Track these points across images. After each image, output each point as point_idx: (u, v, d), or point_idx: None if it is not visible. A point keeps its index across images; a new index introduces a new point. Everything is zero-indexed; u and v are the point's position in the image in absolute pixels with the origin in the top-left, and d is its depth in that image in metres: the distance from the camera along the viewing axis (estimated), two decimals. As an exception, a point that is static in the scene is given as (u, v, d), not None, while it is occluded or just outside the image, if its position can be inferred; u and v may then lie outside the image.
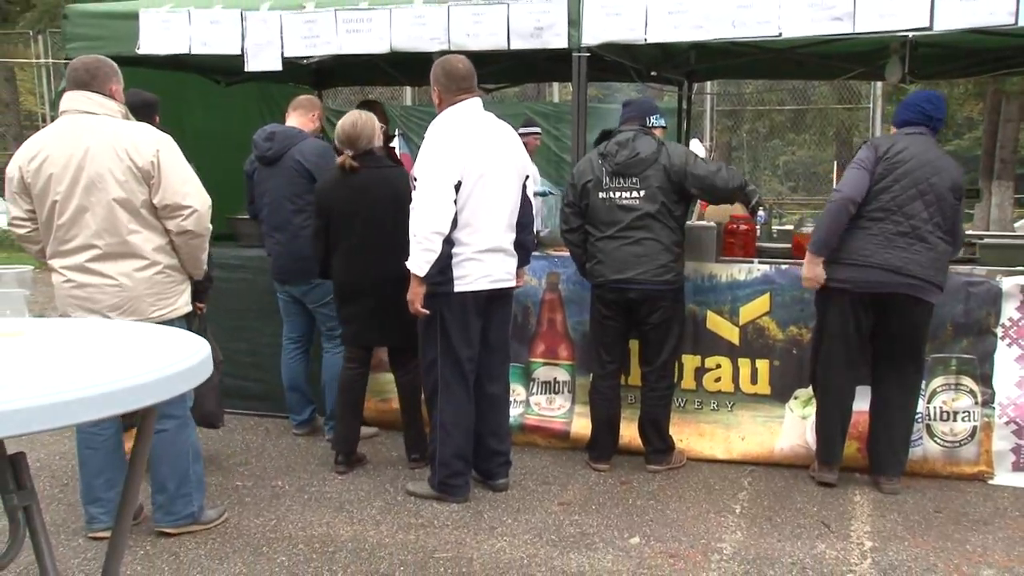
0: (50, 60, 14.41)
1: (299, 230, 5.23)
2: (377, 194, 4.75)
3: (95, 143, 3.79)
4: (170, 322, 3.91)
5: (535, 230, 5.68)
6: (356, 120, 4.80)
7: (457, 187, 4.25)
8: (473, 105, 4.44)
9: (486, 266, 4.39)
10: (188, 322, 4.30)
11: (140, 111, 4.35)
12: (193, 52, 5.70)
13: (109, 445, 4.04)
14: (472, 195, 4.30)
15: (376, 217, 4.73)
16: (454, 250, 4.29)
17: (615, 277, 4.73)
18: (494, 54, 5.54)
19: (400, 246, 4.36)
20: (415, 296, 4.31)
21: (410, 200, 4.34)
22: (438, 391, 4.49)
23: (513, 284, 4.60)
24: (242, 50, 5.62)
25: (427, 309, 4.32)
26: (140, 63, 5.68)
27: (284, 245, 5.29)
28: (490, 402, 4.63)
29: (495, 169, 4.38)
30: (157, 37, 5.72)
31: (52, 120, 4.32)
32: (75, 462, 4.61)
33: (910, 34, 4.77)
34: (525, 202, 4.61)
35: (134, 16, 5.77)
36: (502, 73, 7.94)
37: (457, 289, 4.34)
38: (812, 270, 4.51)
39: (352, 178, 4.77)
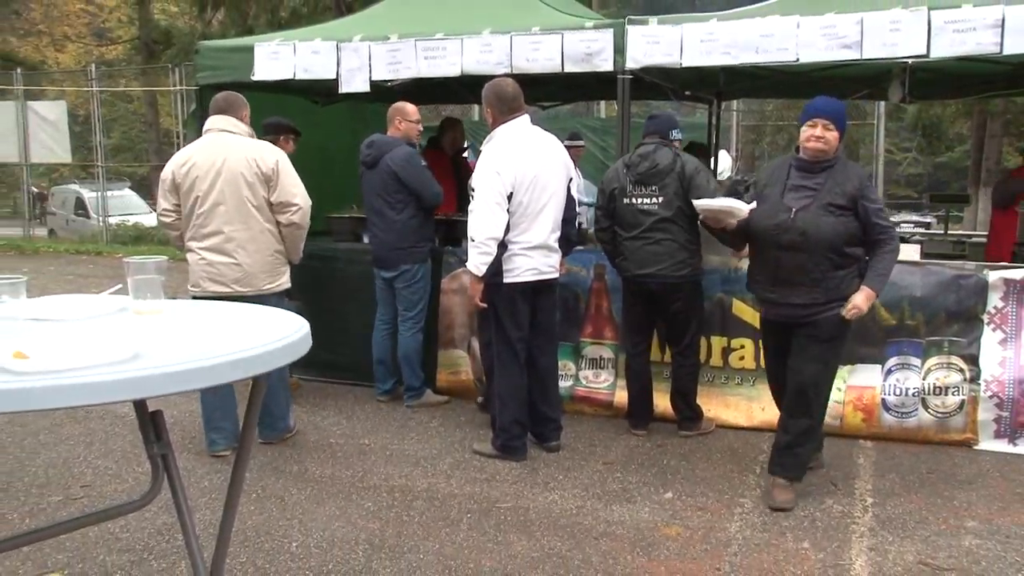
0: (183, 87, 14.72)
1: (392, 223, 5.27)
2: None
3: (231, 154, 4.35)
4: (274, 295, 4.46)
5: (583, 228, 5.67)
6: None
7: (509, 196, 4.28)
8: (522, 122, 4.44)
9: (533, 260, 4.39)
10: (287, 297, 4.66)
11: (275, 130, 5.00)
12: (297, 77, 5.77)
13: (223, 388, 4.39)
14: (523, 202, 4.32)
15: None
16: (505, 248, 4.32)
17: (638, 272, 4.71)
18: (550, 76, 5.52)
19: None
20: (474, 292, 4.36)
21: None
22: (495, 368, 4.53)
23: (557, 275, 4.58)
24: (337, 75, 5.68)
25: (488, 302, 4.35)
26: (254, 87, 5.78)
27: (380, 236, 5.33)
28: (541, 375, 4.64)
29: (542, 177, 4.37)
30: (268, 66, 5.81)
31: (185, 137, 4.78)
32: (201, 420, 4.73)
33: (909, 60, 4.69)
34: (569, 200, 4.61)
35: (250, 49, 5.87)
36: (556, 93, 7.93)
37: (506, 280, 4.35)
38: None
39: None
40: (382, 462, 4.54)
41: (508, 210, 4.27)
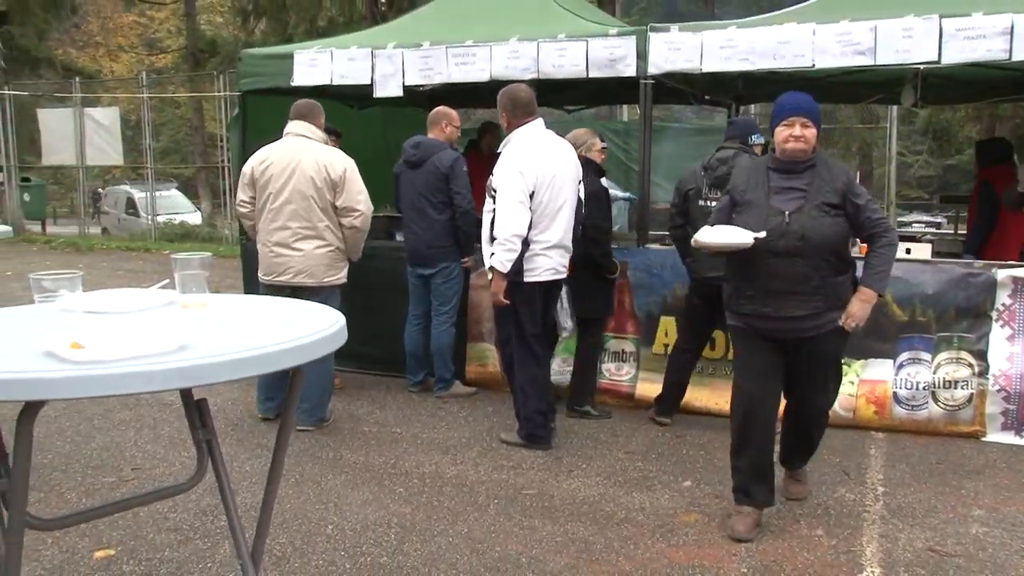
0: (227, 93, 14.85)
1: (433, 222, 5.27)
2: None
3: (304, 157, 4.55)
4: (335, 287, 4.71)
5: (608, 227, 5.62)
6: (577, 134, 4.89)
7: (531, 196, 4.25)
8: (537, 125, 4.42)
9: (551, 260, 4.37)
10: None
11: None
12: (333, 83, 5.80)
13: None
14: (543, 201, 4.29)
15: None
16: (526, 248, 4.28)
17: (708, 275, 4.55)
18: (575, 81, 5.50)
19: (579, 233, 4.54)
20: (498, 288, 4.30)
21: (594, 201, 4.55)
22: (514, 363, 4.51)
23: (566, 273, 4.55)
24: (371, 81, 5.70)
25: (510, 298, 4.32)
26: (293, 93, 5.81)
27: (419, 234, 5.31)
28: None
29: (560, 177, 4.34)
30: (306, 72, 5.84)
31: (228, 140, 4.84)
32: (243, 407, 4.78)
33: (921, 66, 4.63)
34: (578, 202, 4.59)
35: (290, 56, 5.91)
36: (581, 97, 7.90)
37: (527, 280, 4.33)
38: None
39: None
40: (413, 450, 4.56)
41: (530, 209, 4.25)
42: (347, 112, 7.09)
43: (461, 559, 3.26)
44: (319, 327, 1.78)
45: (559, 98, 7.88)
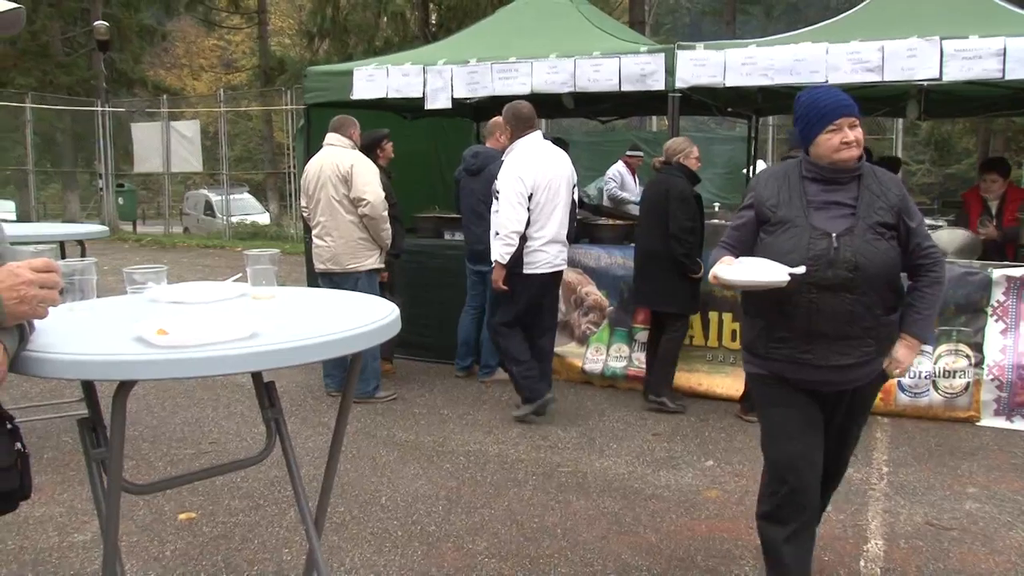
0: (294, 106, 15.04)
1: (489, 224, 5.30)
2: (655, 191, 4.80)
3: (328, 161, 4.84)
4: (361, 273, 4.82)
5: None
6: (676, 142, 4.90)
7: (530, 197, 4.41)
8: (536, 136, 4.59)
9: (549, 255, 4.50)
10: (379, 282, 4.93)
11: (371, 142, 5.22)
12: (389, 96, 5.84)
13: None
14: (540, 201, 4.45)
15: (655, 207, 4.75)
16: (526, 243, 4.44)
17: None
18: (608, 94, 5.47)
19: (661, 230, 4.59)
20: (497, 276, 4.49)
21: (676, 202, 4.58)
22: (501, 340, 4.65)
23: (564, 267, 4.68)
24: (423, 94, 5.72)
25: (506, 287, 4.48)
26: (353, 105, 5.87)
27: (478, 235, 5.31)
28: (539, 351, 4.72)
29: (555, 181, 4.50)
30: (364, 87, 5.89)
31: (294, 150, 5.13)
32: (306, 390, 4.84)
33: (924, 83, 4.59)
34: (573, 203, 4.73)
35: (350, 73, 5.97)
36: (614, 109, 7.83)
37: (526, 272, 4.48)
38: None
39: (654, 176, 4.95)
40: (459, 430, 4.58)
41: (528, 208, 4.41)
42: (400, 122, 7.13)
43: (502, 529, 3.27)
44: (376, 317, 1.79)
45: (593, 110, 7.83)
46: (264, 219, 19.36)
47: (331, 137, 4.94)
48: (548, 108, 7.41)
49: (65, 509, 3.43)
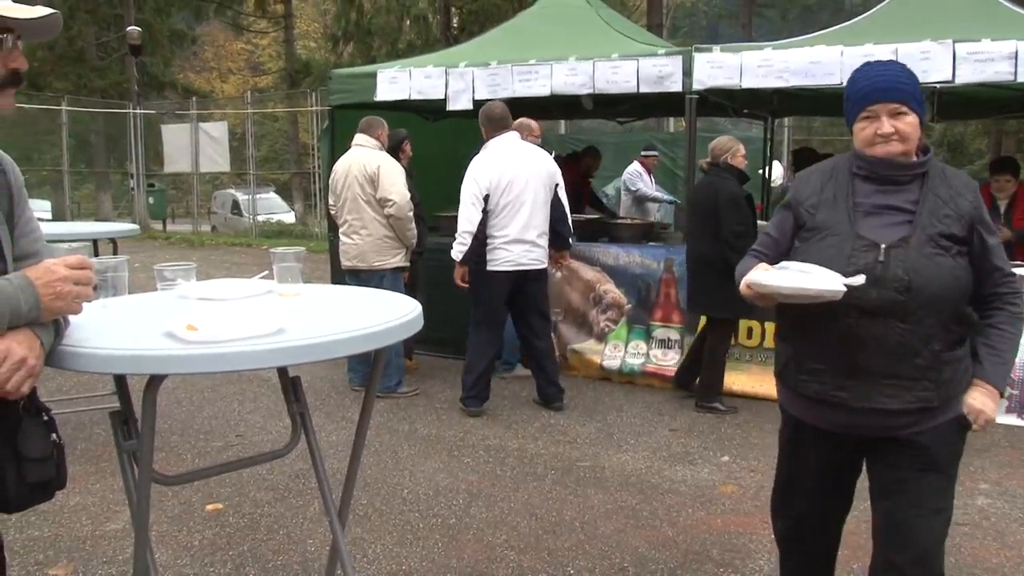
0: (319, 108, 15.12)
1: None
2: (703, 193, 4.71)
3: (355, 162, 4.86)
4: (386, 271, 4.84)
5: (656, 222, 5.52)
6: (721, 141, 4.79)
7: (486, 198, 4.45)
8: (507, 137, 4.60)
9: (511, 254, 4.52)
10: (402, 279, 4.95)
11: (393, 144, 5.18)
12: (412, 98, 5.85)
13: None
14: (499, 203, 4.47)
15: (704, 211, 4.64)
16: (488, 241, 4.49)
17: None
18: (626, 96, 5.44)
19: (712, 233, 4.50)
20: (458, 275, 4.58)
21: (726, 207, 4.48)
22: (469, 339, 4.71)
23: (540, 267, 4.62)
24: (445, 96, 5.73)
25: (470, 283, 4.56)
26: (376, 107, 5.88)
27: None
28: (537, 356, 4.73)
29: (517, 182, 4.49)
30: (388, 89, 5.90)
31: (319, 150, 5.20)
32: (330, 384, 4.86)
33: (938, 85, 4.55)
34: (556, 203, 4.67)
35: (373, 75, 5.98)
36: (632, 110, 7.79)
37: (488, 268, 4.53)
38: None
39: (700, 178, 4.90)
40: (479, 424, 4.58)
41: (487, 209, 4.45)
42: (423, 124, 7.14)
43: (521, 523, 3.27)
44: (399, 314, 1.79)
45: (612, 111, 7.80)
46: (289, 218, 19.49)
47: (359, 138, 4.98)
48: (567, 109, 7.39)
49: (98, 499, 3.47)
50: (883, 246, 1.83)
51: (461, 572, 2.88)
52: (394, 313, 1.79)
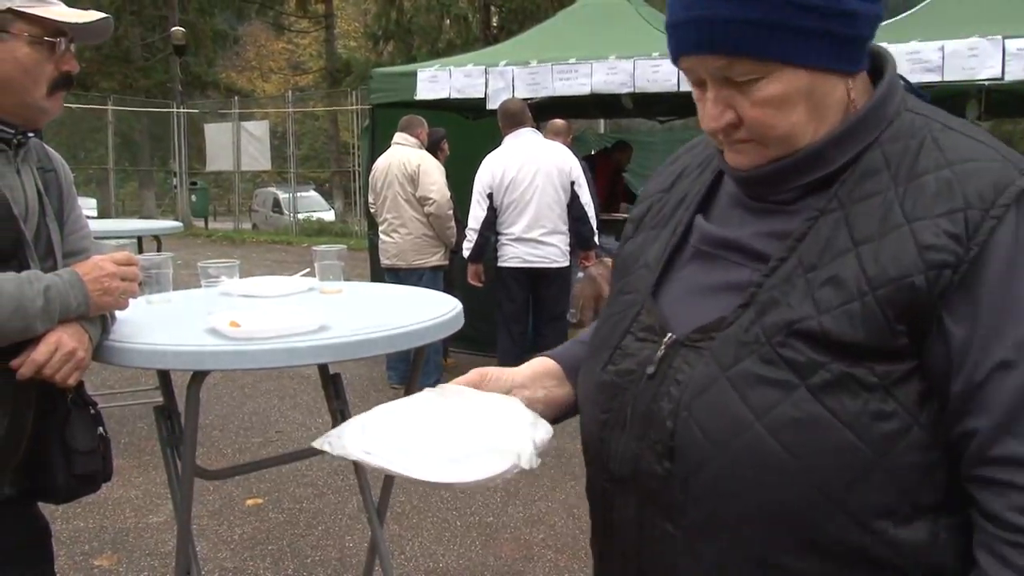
0: (359, 106, 15.26)
1: None
2: None
3: (395, 160, 4.91)
4: (425, 269, 4.85)
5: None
6: None
7: (491, 196, 4.46)
8: (521, 134, 4.56)
9: (517, 250, 4.51)
10: (442, 277, 4.98)
11: (433, 141, 5.25)
12: (452, 97, 5.85)
13: None
14: (503, 200, 4.46)
15: None
16: (498, 238, 4.53)
17: None
18: (667, 94, 5.37)
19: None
20: (470, 273, 4.64)
21: None
22: (499, 332, 4.69)
23: (552, 266, 4.52)
24: (485, 95, 5.72)
25: (482, 280, 4.61)
26: (417, 106, 5.91)
27: None
28: (541, 340, 4.64)
29: (523, 180, 4.44)
30: (428, 88, 5.92)
31: (359, 149, 5.24)
32: (369, 382, 4.89)
33: (986, 82, 4.40)
34: (575, 202, 4.55)
35: (414, 74, 5.99)
36: (673, 109, 7.69)
37: (498, 264, 4.55)
38: None
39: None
40: (516, 423, 4.56)
41: (492, 207, 4.46)
42: (463, 123, 7.14)
43: (558, 522, 3.25)
44: (439, 312, 1.79)
45: (652, 110, 7.72)
46: (329, 216, 19.70)
47: (399, 136, 5.01)
48: (607, 108, 7.34)
49: (141, 492, 3.54)
50: (667, 338, 0.83)
51: (498, 570, 2.87)
52: (435, 311, 1.79)
